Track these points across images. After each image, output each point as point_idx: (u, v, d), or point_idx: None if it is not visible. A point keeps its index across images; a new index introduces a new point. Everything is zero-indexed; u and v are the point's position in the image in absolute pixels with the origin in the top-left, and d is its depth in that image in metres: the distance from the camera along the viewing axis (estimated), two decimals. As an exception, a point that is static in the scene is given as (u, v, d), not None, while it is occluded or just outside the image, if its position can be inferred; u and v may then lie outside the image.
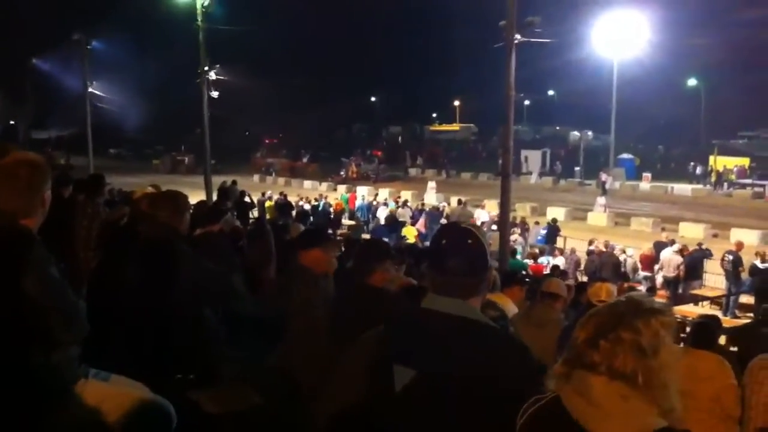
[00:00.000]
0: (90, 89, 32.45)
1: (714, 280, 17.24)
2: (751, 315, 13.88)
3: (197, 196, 16.70)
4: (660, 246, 18.01)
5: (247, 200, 23.32)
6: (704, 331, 5.07)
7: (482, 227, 12.11)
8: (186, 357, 3.73)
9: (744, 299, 15.87)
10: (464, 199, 26.14)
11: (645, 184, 42.71)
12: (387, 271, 3.96)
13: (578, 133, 61.55)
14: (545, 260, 17.83)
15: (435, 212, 24.88)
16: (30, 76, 43.24)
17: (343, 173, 46.56)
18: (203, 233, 5.70)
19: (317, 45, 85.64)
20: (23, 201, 2.57)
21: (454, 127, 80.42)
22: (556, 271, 14.24)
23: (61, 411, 2.58)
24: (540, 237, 21.46)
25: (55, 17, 56.39)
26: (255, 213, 23.40)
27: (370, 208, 27.29)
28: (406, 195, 31.35)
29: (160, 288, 3.59)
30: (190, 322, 3.77)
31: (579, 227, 26.35)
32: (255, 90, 47.36)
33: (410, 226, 22.99)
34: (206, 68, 23.91)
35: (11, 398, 2.44)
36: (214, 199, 20.17)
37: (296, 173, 48.53)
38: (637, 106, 51.88)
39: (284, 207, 24.77)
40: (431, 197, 34.02)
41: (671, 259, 16.85)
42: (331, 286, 5.17)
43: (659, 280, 17.11)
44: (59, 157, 46.31)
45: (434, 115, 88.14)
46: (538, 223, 23.15)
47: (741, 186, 41.46)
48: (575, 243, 20.45)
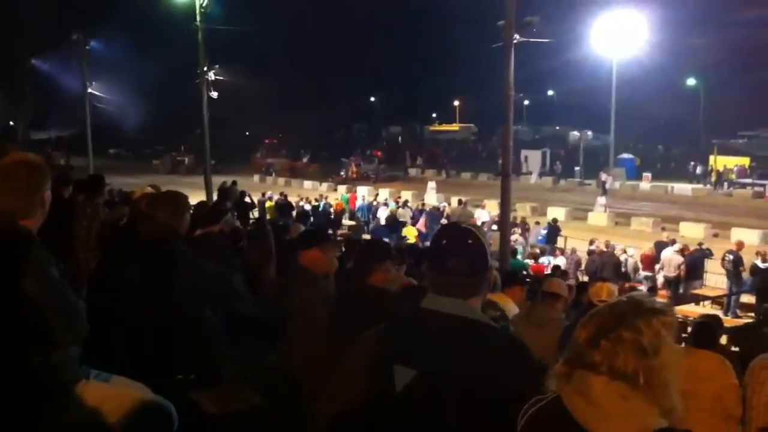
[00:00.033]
0: (89, 89, 32.44)
1: (715, 280, 17.25)
2: (752, 314, 13.88)
3: (197, 197, 16.71)
4: (660, 246, 18.02)
5: (248, 200, 23.33)
6: (705, 331, 5.07)
7: (483, 227, 12.12)
8: (186, 357, 3.73)
9: (745, 299, 15.89)
10: (464, 199, 26.13)
11: (645, 184, 42.72)
12: (387, 272, 3.96)
13: (578, 133, 61.53)
14: (546, 260, 17.83)
15: (435, 212, 24.90)
16: (29, 77, 43.23)
17: (343, 173, 46.53)
18: (203, 234, 5.71)
19: (317, 45, 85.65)
20: (22, 202, 2.56)
21: (454, 127, 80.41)
22: (557, 271, 14.24)
23: (62, 411, 2.58)
24: (540, 237, 21.46)
25: (55, 17, 56.35)
26: (255, 213, 23.40)
27: (371, 209, 27.27)
28: (407, 195, 31.32)
29: (160, 288, 3.59)
30: (190, 323, 3.76)
31: (579, 227, 26.34)
32: (255, 90, 47.35)
33: (410, 227, 22.99)
34: (205, 68, 23.90)
35: (11, 399, 2.44)
36: (214, 200, 20.22)
37: (296, 173, 48.50)
38: (637, 106, 51.86)
39: (284, 207, 24.77)
40: (431, 197, 34.01)
41: (672, 259, 16.86)
42: (332, 286, 5.17)
43: (660, 280, 17.11)
44: (59, 158, 46.30)
45: (434, 115, 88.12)
46: (539, 223, 23.15)
47: (741, 185, 41.47)
48: (576, 243, 20.45)
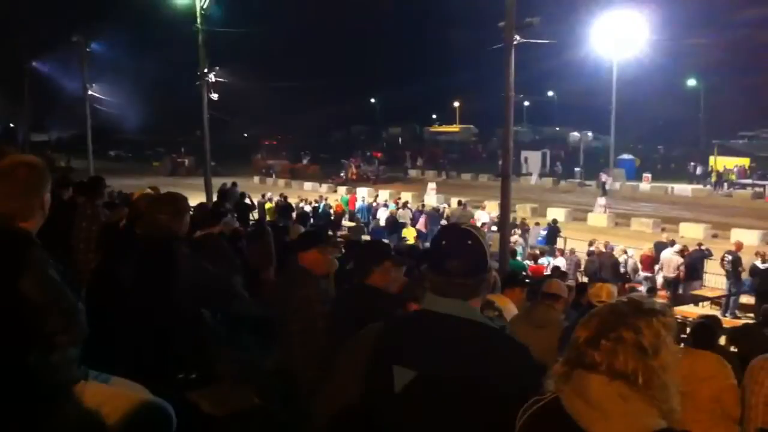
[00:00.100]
0: (90, 91, 32.44)
1: (714, 281, 17.23)
2: (752, 315, 13.87)
3: (197, 198, 16.74)
4: (660, 246, 18.01)
5: (248, 202, 23.35)
6: (704, 332, 5.07)
7: (482, 228, 12.11)
8: (186, 358, 3.73)
9: (744, 299, 15.88)
10: (464, 200, 26.13)
11: (645, 185, 42.72)
12: (386, 272, 3.96)
13: (578, 134, 61.47)
14: (546, 261, 17.83)
15: (435, 213, 24.87)
16: (29, 78, 43.22)
17: (343, 175, 46.51)
18: (203, 235, 5.72)
19: (317, 46, 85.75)
20: (21, 203, 2.56)
21: (454, 128, 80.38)
22: (557, 272, 14.23)
23: (61, 412, 2.58)
24: (540, 238, 21.45)
25: (55, 19, 56.44)
26: (255, 215, 23.41)
27: (370, 210, 27.26)
28: (406, 196, 31.29)
29: (160, 289, 3.59)
30: (190, 324, 3.76)
31: (579, 228, 26.34)
32: (255, 92, 47.23)
33: (410, 227, 22.99)
34: (206, 70, 23.90)
35: (11, 399, 2.43)
36: (214, 201, 20.23)
37: (296, 175, 48.48)
38: (637, 107, 51.90)
39: (284, 209, 24.75)
40: (431, 198, 34.00)
41: (671, 260, 16.85)
42: (332, 287, 5.18)
43: (659, 281, 17.10)
44: (59, 160, 46.33)
45: (434, 116, 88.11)
46: (539, 224, 23.14)
47: (741, 186, 41.46)
48: (575, 244, 20.45)
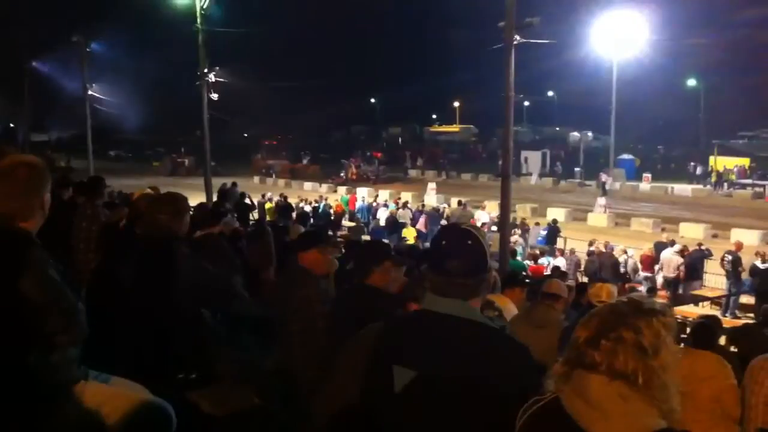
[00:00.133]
0: (90, 91, 32.44)
1: (714, 281, 17.22)
2: (752, 315, 13.87)
3: (197, 198, 16.73)
4: (660, 246, 18.01)
5: (248, 202, 23.35)
6: (704, 332, 5.07)
7: (482, 228, 12.11)
8: (186, 358, 3.73)
9: (744, 299, 15.88)
10: (464, 201, 26.11)
11: (645, 185, 42.72)
12: (386, 272, 3.96)
13: (578, 134, 61.45)
14: (546, 261, 17.82)
15: (435, 213, 24.86)
16: (29, 78, 43.21)
17: (343, 175, 46.50)
18: (203, 235, 5.72)
19: (317, 46, 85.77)
20: (21, 203, 2.56)
21: (454, 128, 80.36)
22: (557, 272, 14.23)
23: (61, 412, 2.58)
24: (540, 238, 21.45)
25: (55, 19, 56.43)
26: (255, 215, 23.41)
27: (370, 210, 27.25)
28: (406, 196, 31.27)
29: (160, 289, 3.59)
30: (190, 324, 3.76)
31: (579, 228, 26.34)
32: (255, 92, 47.27)
33: (410, 227, 22.98)
34: (206, 70, 23.90)
35: (10, 399, 2.43)
36: (214, 201, 20.22)
37: (296, 175, 48.47)
38: (637, 107, 51.90)
39: (284, 209, 24.74)
40: (431, 198, 33.98)
41: (671, 260, 16.85)
42: (332, 287, 5.18)
43: (659, 281, 17.10)
44: (59, 160, 46.31)
45: (434, 116, 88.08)
46: (539, 224, 23.15)
47: (741, 186, 41.46)
48: (575, 244, 20.44)
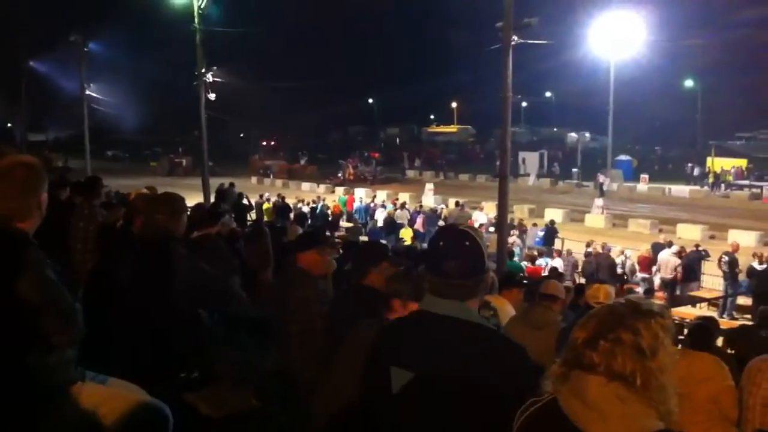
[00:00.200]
0: (87, 91, 32.39)
1: (712, 282, 17.23)
2: (749, 316, 13.89)
3: (195, 199, 16.71)
4: (658, 247, 18.01)
5: (245, 202, 23.35)
6: (702, 333, 5.07)
7: (480, 229, 12.10)
8: (187, 358, 3.72)
9: (741, 300, 15.89)
10: (462, 201, 26.10)
11: (642, 186, 42.79)
12: (384, 273, 3.96)
13: (576, 135, 61.52)
14: (543, 262, 17.81)
15: (432, 214, 24.84)
16: (27, 78, 43.14)
17: (341, 175, 46.49)
18: (200, 236, 5.71)
19: (315, 46, 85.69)
20: (19, 203, 2.55)
21: (452, 129, 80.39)
22: (554, 273, 14.23)
23: (58, 413, 2.57)
24: (538, 239, 21.45)
25: (52, 19, 56.38)
26: (253, 215, 23.40)
27: (368, 210, 27.23)
28: (404, 197, 31.29)
29: (157, 290, 3.58)
30: (187, 324, 3.76)
31: (577, 229, 26.36)
32: (253, 92, 47.24)
33: (407, 228, 22.96)
34: (203, 70, 23.89)
35: (8, 400, 2.43)
36: (212, 201, 20.20)
37: (294, 175, 48.45)
38: (635, 108, 51.85)
39: (282, 209, 24.74)
40: (429, 199, 33.98)
41: (669, 261, 16.85)
42: (330, 288, 5.17)
43: (657, 282, 17.10)
44: (57, 160, 46.22)
45: (432, 117, 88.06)
46: (536, 225, 23.15)
47: (738, 187, 41.54)
48: (573, 245, 20.43)
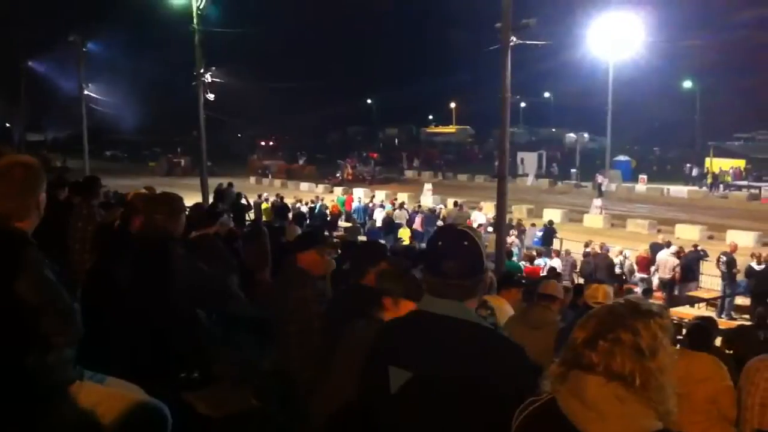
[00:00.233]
0: (86, 91, 32.37)
1: (710, 282, 17.24)
2: (747, 316, 13.90)
3: (194, 199, 16.72)
4: (656, 248, 18.02)
5: (244, 202, 23.32)
6: (700, 333, 5.07)
7: (479, 229, 12.11)
8: (187, 357, 3.72)
9: (740, 300, 15.91)
10: (461, 202, 26.10)
11: (641, 186, 42.80)
12: (382, 273, 3.95)
13: (574, 135, 61.56)
14: (542, 262, 17.82)
15: (430, 214, 24.81)
16: (25, 78, 43.11)
17: (339, 175, 46.48)
18: (199, 236, 5.71)
19: (314, 47, 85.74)
20: (17, 203, 2.55)
21: (451, 129, 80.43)
22: (551, 273, 14.24)
23: (56, 413, 2.57)
24: (536, 239, 21.47)
25: (51, 19, 56.36)
26: (251, 215, 23.38)
27: (367, 210, 27.22)
28: (403, 197, 31.27)
29: (155, 290, 3.58)
30: (186, 324, 3.76)
31: (575, 229, 26.38)
32: (251, 92, 47.22)
33: (405, 228, 22.96)
34: (202, 70, 23.88)
35: (6, 400, 2.42)
36: (211, 201, 20.19)
37: (293, 175, 48.41)
38: (633, 108, 51.91)
39: (280, 209, 24.73)
40: (427, 199, 33.97)
41: (667, 261, 16.86)
42: (328, 288, 5.18)
43: (655, 282, 17.11)
44: (55, 159, 46.18)
45: (430, 117, 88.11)
46: (535, 225, 23.16)
47: (737, 188, 41.54)
48: (571, 245, 20.43)
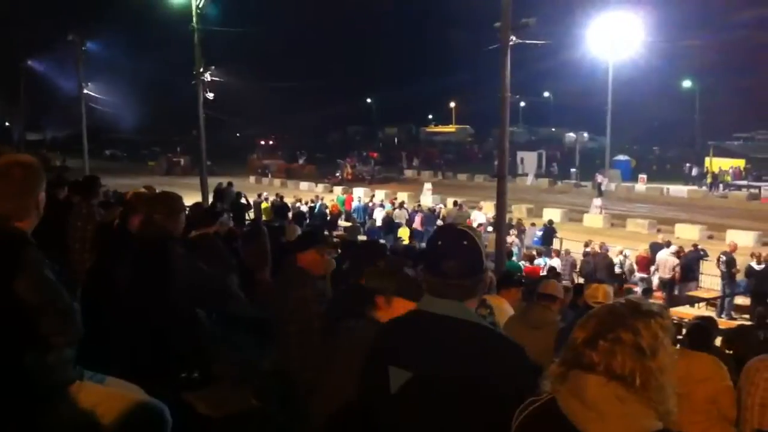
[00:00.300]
0: (85, 90, 32.36)
1: (710, 282, 17.24)
2: (747, 316, 13.90)
3: (193, 198, 16.71)
4: (656, 247, 18.02)
5: (244, 202, 23.33)
6: (700, 333, 5.07)
7: (479, 229, 12.11)
8: (188, 357, 3.72)
9: (740, 300, 15.91)
10: (460, 201, 26.11)
11: (641, 186, 42.80)
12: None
13: (574, 135, 61.61)
14: (542, 262, 17.82)
15: (430, 214, 24.80)
16: (25, 78, 43.10)
17: (339, 175, 46.47)
18: (198, 235, 5.71)
19: (313, 46, 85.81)
20: (16, 203, 2.55)
21: (450, 129, 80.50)
22: (551, 273, 14.24)
23: (56, 413, 2.57)
24: (536, 239, 21.48)
25: (50, 18, 56.36)
26: (251, 214, 23.38)
27: (367, 210, 27.22)
28: (402, 196, 31.26)
29: (155, 289, 3.58)
30: (186, 324, 3.75)
31: (575, 229, 26.38)
32: (251, 91, 47.22)
33: (405, 227, 22.96)
34: (202, 69, 23.87)
35: (6, 399, 2.42)
36: (210, 201, 20.20)
37: (292, 174, 48.39)
38: (633, 108, 51.97)
39: (280, 208, 24.73)
40: (427, 199, 33.96)
41: (667, 261, 16.85)
42: (328, 287, 5.17)
43: (655, 282, 17.11)
44: (55, 159, 46.18)
45: (430, 117, 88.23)
46: (534, 225, 23.16)
47: (736, 187, 41.56)
48: (571, 244, 20.43)
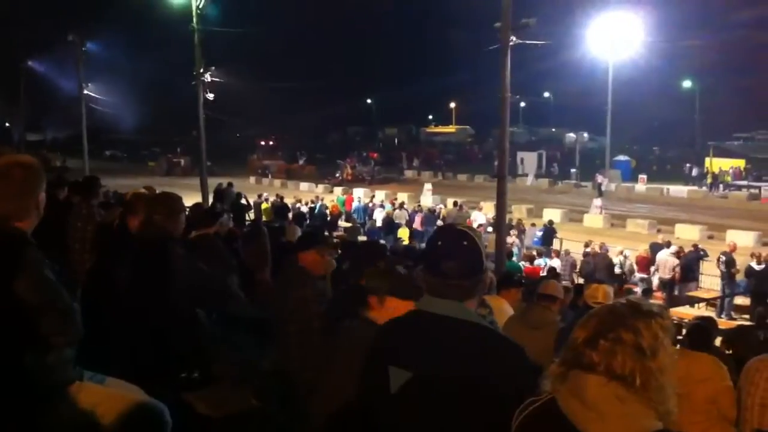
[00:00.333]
0: (85, 91, 32.36)
1: (710, 282, 17.24)
2: (747, 316, 13.90)
3: (193, 198, 16.71)
4: (656, 247, 18.01)
5: (244, 202, 23.32)
6: (700, 333, 5.07)
7: (479, 229, 12.11)
8: (187, 358, 3.72)
9: (739, 300, 15.91)
10: (460, 201, 26.11)
11: (641, 186, 42.80)
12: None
13: (574, 135, 61.61)
14: (542, 262, 17.82)
15: (430, 214, 24.79)
16: (25, 78, 43.10)
17: (339, 175, 46.48)
18: (198, 236, 5.71)
19: (313, 47, 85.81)
20: (16, 203, 2.55)
21: (450, 129, 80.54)
22: (551, 273, 14.24)
23: (56, 413, 2.57)
24: (536, 239, 21.48)
25: (50, 18, 56.37)
26: (251, 215, 23.38)
27: (367, 210, 27.22)
28: (403, 197, 31.27)
29: (155, 290, 3.58)
30: (186, 324, 3.75)
31: (575, 229, 26.38)
32: (251, 92, 47.22)
33: (404, 227, 22.96)
34: (202, 70, 23.88)
35: (5, 400, 2.42)
36: (211, 201, 20.19)
37: (292, 175, 48.41)
38: (633, 108, 51.95)
39: (280, 209, 24.73)
40: (427, 199, 33.96)
41: (667, 261, 16.85)
42: (328, 287, 5.17)
43: (655, 282, 17.11)
44: (55, 159, 46.18)
45: (430, 117, 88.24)
46: (534, 225, 23.16)
47: (736, 187, 41.53)
48: (571, 245, 20.42)
